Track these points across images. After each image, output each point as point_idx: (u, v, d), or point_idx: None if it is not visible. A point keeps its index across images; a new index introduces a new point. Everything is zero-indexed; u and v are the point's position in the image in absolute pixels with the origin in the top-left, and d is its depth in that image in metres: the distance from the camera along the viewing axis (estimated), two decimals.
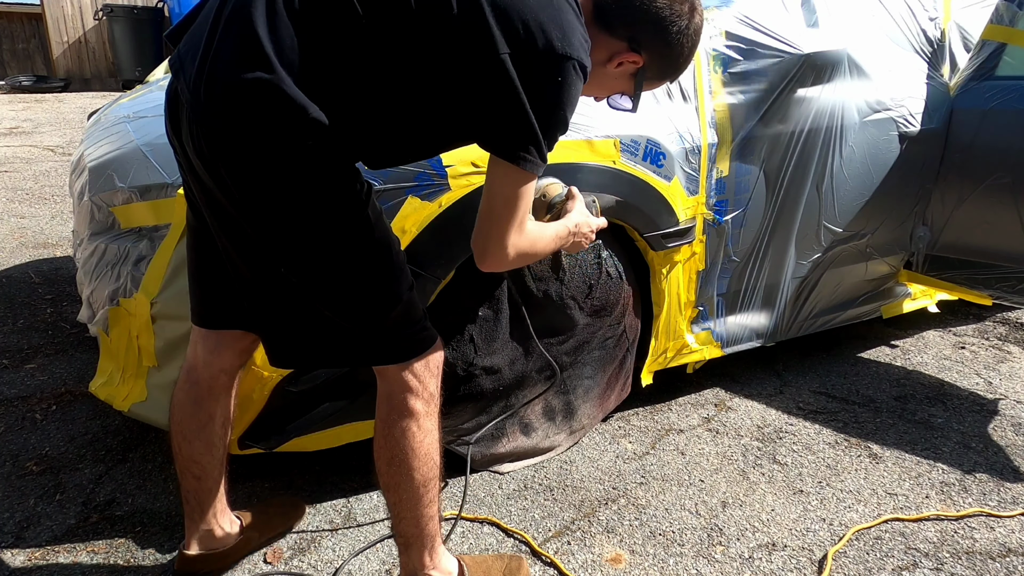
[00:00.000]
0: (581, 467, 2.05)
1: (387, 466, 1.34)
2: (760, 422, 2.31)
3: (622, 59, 1.25)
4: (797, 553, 1.74)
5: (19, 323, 2.83)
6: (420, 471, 1.33)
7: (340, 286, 1.21)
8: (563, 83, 1.10)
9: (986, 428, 2.31)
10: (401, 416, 1.31)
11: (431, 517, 1.39)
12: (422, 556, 1.41)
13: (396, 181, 1.64)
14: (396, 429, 1.32)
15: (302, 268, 1.19)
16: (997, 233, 2.41)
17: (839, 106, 2.26)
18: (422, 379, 1.32)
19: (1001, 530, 1.84)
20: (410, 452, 1.32)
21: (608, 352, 2.09)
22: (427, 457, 1.34)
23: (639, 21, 1.21)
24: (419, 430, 1.32)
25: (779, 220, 2.29)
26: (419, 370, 1.31)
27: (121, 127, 2.03)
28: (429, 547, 1.41)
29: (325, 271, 1.20)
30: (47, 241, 3.77)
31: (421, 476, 1.34)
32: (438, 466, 1.37)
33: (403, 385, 1.31)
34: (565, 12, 1.12)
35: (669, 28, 1.22)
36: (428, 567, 1.42)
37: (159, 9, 8.69)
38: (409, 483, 1.34)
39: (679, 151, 2.01)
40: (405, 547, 1.41)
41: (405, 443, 1.32)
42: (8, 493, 1.86)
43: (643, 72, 1.27)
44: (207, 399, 1.46)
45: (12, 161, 5.32)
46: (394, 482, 1.34)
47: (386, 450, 1.33)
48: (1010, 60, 2.38)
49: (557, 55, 1.09)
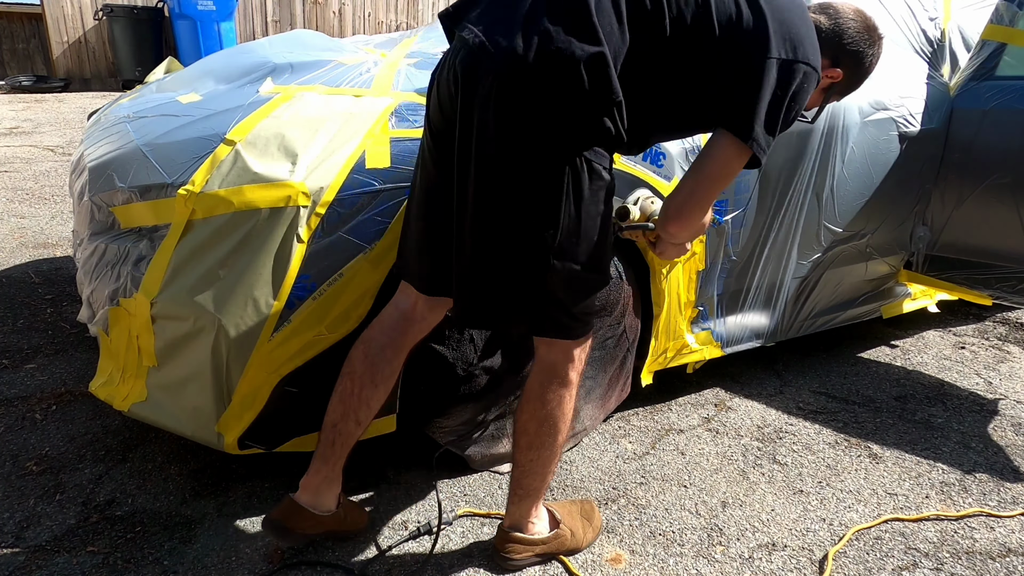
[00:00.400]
0: (581, 467, 2.05)
1: (539, 426, 1.51)
2: (760, 422, 2.31)
3: (829, 73, 1.51)
4: (797, 553, 1.74)
5: (19, 323, 2.83)
6: (563, 434, 1.54)
7: (559, 252, 1.34)
8: (805, 88, 1.34)
9: (986, 428, 2.31)
10: (562, 384, 1.49)
11: (552, 472, 1.58)
12: (532, 507, 1.60)
13: (396, 181, 1.64)
14: (555, 395, 1.50)
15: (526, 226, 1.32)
16: (997, 233, 2.41)
17: (839, 106, 2.26)
18: (581, 356, 1.50)
19: (1001, 530, 1.84)
20: (561, 417, 1.51)
21: (608, 352, 2.09)
22: (568, 422, 1.54)
23: (845, 43, 1.50)
24: (570, 399, 1.52)
25: (779, 220, 2.29)
26: (580, 346, 1.49)
27: (121, 127, 2.03)
28: (539, 500, 1.61)
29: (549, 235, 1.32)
30: (47, 241, 3.77)
31: (562, 436, 1.54)
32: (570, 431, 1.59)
33: (569, 357, 1.48)
34: (811, 28, 1.38)
35: (864, 54, 1.52)
36: (533, 516, 1.61)
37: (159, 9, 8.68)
38: (553, 443, 1.53)
39: (679, 151, 2.01)
40: (521, 498, 1.58)
41: (559, 408, 1.50)
42: (8, 493, 1.86)
43: (835, 87, 1.55)
44: (402, 352, 1.58)
45: (12, 161, 5.32)
46: (539, 441, 1.52)
47: (540, 411, 1.51)
48: (1010, 60, 2.38)
49: (806, 65, 1.33)
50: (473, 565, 1.66)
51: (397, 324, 1.57)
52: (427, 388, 1.84)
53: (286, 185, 1.57)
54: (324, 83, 1.92)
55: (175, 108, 1.99)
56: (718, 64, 1.32)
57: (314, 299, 1.61)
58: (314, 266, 1.60)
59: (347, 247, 1.61)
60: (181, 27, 8.28)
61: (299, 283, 1.60)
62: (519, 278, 1.37)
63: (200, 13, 8.14)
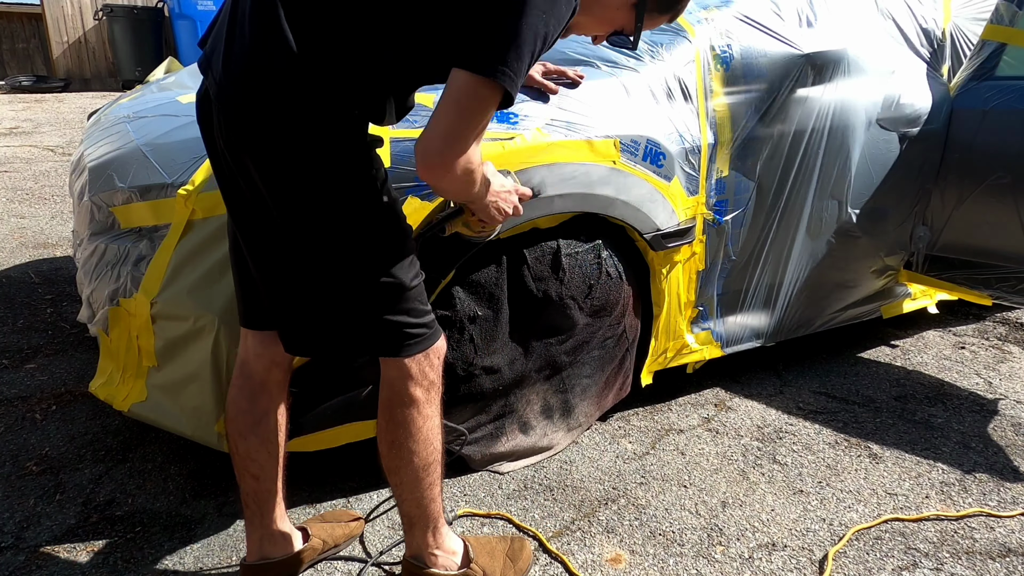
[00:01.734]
0: (581, 467, 2.05)
1: (389, 449, 1.39)
2: (760, 422, 2.31)
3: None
4: (797, 553, 1.74)
5: (19, 323, 2.83)
6: (420, 455, 1.39)
7: (350, 265, 1.24)
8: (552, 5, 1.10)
9: (986, 428, 2.31)
10: (403, 403, 1.36)
11: (432, 499, 1.44)
12: (425, 536, 1.47)
13: (396, 181, 1.64)
14: (399, 416, 1.37)
15: (314, 246, 1.23)
16: (997, 233, 2.41)
17: (840, 106, 2.26)
18: (423, 369, 1.36)
19: (1001, 530, 1.84)
20: (410, 437, 1.37)
21: (608, 352, 2.09)
22: (427, 442, 1.39)
23: None
24: (419, 415, 1.37)
25: (779, 220, 2.29)
26: (421, 360, 1.35)
27: (121, 127, 2.03)
28: (432, 527, 1.47)
29: (336, 249, 1.23)
30: (47, 241, 3.77)
31: (421, 460, 1.39)
32: (439, 450, 1.42)
33: (405, 373, 1.34)
34: None
35: None
36: (431, 546, 1.48)
37: (159, 9, 8.69)
38: (409, 466, 1.39)
39: (679, 151, 2.01)
40: (409, 527, 1.47)
41: (407, 429, 1.37)
42: (8, 493, 1.86)
43: (644, 2, 1.28)
44: (261, 394, 1.46)
45: (12, 161, 5.32)
46: (395, 465, 1.40)
47: (388, 434, 1.38)
48: (1010, 60, 2.38)
49: None
50: None
51: (241, 369, 1.47)
52: None
53: None
54: None
55: (175, 108, 1.99)
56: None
57: None
58: None
59: None
60: (181, 27, 8.29)
61: None
62: (319, 299, 1.28)
63: (200, 13, 8.15)
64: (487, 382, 1.88)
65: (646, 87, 2.02)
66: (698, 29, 2.12)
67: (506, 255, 1.84)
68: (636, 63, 2.07)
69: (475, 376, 1.86)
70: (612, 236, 1.99)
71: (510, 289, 1.86)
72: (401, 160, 1.66)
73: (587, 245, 1.94)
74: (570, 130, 1.83)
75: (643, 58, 2.08)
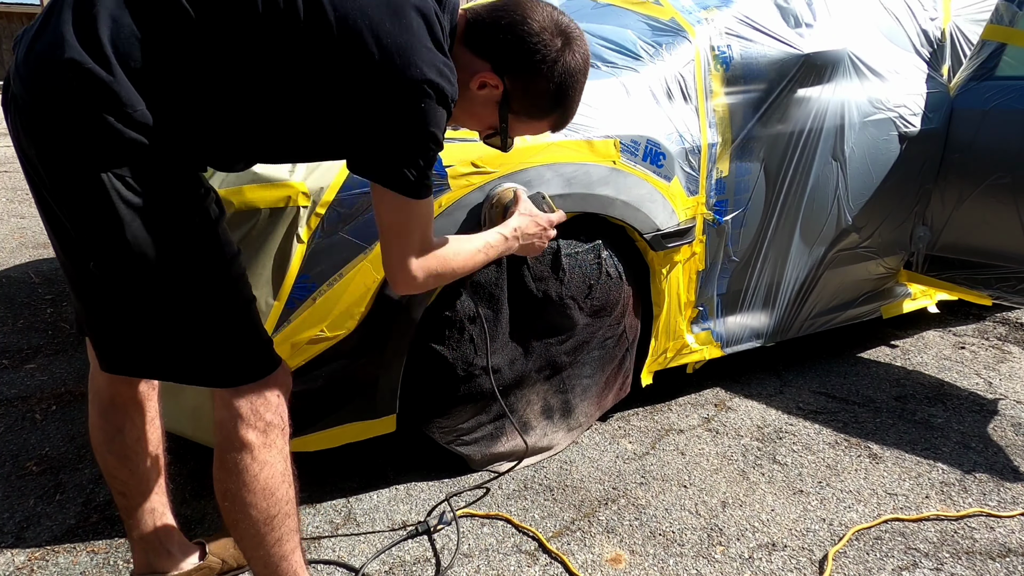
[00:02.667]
0: (581, 467, 2.05)
1: (222, 500, 1.22)
2: (760, 422, 2.31)
3: (483, 79, 1.19)
4: (797, 553, 1.74)
5: (19, 323, 2.83)
6: (258, 507, 1.21)
7: (155, 289, 1.09)
8: (424, 108, 1.06)
9: (986, 428, 2.31)
10: (232, 447, 1.18)
11: (283, 557, 1.26)
12: None
13: None
14: (228, 461, 1.19)
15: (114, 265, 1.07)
16: (997, 233, 2.41)
17: (839, 106, 2.26)
18: (256, 408, 1.19)
19: (1001, 530, 1.84)
20: (244, 487, 1.19)
21: (608, 352, 2.09)
22: (266, 492, 1.21)
23: (503, 42, 1.17)
24: (254, 462, 1.19)
25: (779, 220, 2.29)
26: (252, 397, 1.18)
27: None
28: None
29: (136, 272, 1.07)
30: (47, 241, 3.77)
31: (260, 513, 1.21)
32: (286, 500, 1.24)
33: (233, 412, 1.18)
34: (422, 38, 1.07)
35: (533, 55, 1.17)
36: None
37: None
38: (246, 520, 1.21)
39: (679, 151, 2.01)
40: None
41: (238, 477, 1.19)
42: (8, 493, 1.86)
43: (507, 103, 1.22)
44: (111, 411, 1.36)
45: (12, 161, 5.32)
46: (232, 519, 1.23)
47: (220, 483, 1.21)
48: (1010, 60, 2.38)
49: (413, 80, 1.05)
50: (473, 565, 1.66)
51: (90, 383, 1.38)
52: (427, 388, 1.84)
53: (286, 185, 1.57)
54: None
55: None
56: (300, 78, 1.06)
57: (314, 299, 1.61)
58: (314, 266, 1.60)
59: (347, 247, 1.61)
60: None
61: (299, 283, 1.60)
62: (123, 315, 1.11)
63: None
64: (487, 382, 1.88)
65: (646, 87, 2.02)
66: (698, 29, 2.12)
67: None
68: (636, 63, 2.07)
69: (475, 376, 1.86)
70: (612, 236, 1.99)
71: (510, 289, 1.86)
72: None
73: (587, 245, 1.94)
74: (570, 130, 1.83)
75: (643, 58, 2.08)
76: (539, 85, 1.20)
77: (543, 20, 1.17)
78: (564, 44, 1.19)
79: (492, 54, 1.18)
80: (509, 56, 1.18)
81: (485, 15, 1.19)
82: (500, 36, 1.17)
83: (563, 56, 1.19)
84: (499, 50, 1.18)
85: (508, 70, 1.19)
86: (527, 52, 1.17)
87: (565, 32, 1.19)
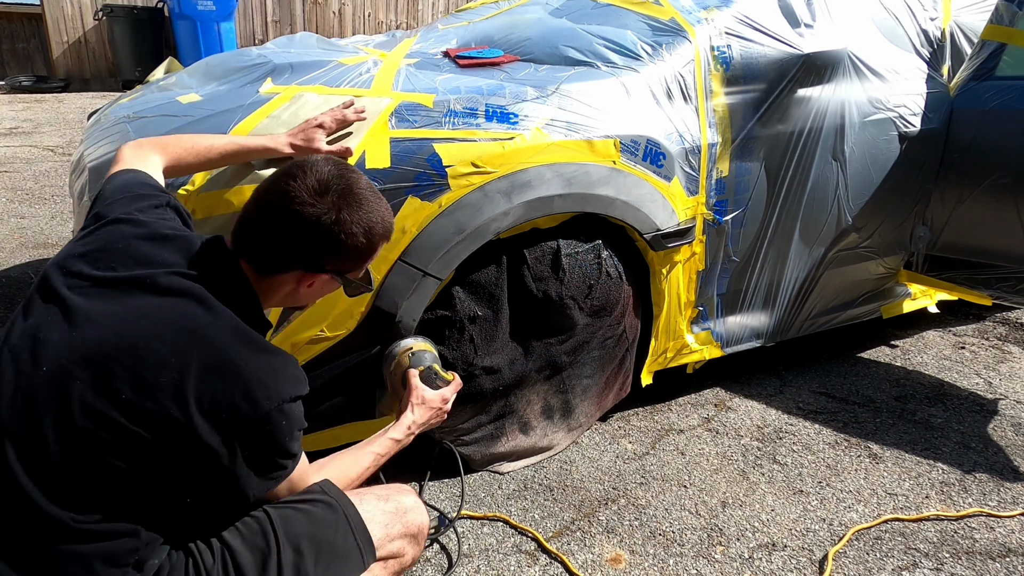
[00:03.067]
0: (581, 467, 2.05)
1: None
2: (760, 422, 2.31)
3: (310, 280, 1.20)
4: (797, 553, 1.74)
5: None
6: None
7: None
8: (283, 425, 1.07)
9: (986, 428, 2.31)
10: None
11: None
12: None
13: (396, 181, 1.64)
14: None
15: None
16: (997, 233, 2.41)
17: (839, 106, 2.26)
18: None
19: (1001, 530, 1.84)
20: None
21: (608, 352, 2.09)
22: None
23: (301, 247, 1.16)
24: None
25: (779, 220, 2.29)
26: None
27: (121, 127, 2.03)
28: None
29: None
30: (47, 241, 3.77)
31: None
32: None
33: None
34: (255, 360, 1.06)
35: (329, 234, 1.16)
36: None
37: (159, 9, 8.68)
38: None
39: (679, 151, 2.01)
40: None
41: None
42: None
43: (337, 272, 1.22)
44: None
45: (12, 161, 5.32)
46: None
47: None
48: (1010, 60, 2.38)
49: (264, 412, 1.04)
50: (473, 565, 1.66)
51: None
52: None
53: None
54: (324, 83, 1.92)
55: (175, 108, 1.99)
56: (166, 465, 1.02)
57: None
58: None
59: None
60: (181, 27, 8.28)
61: None
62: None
63: (200, 13, 8.14)
64: (487, 382, 1.88)
65: (646, 87, 2.02)
66: (698, 29, 2.12)
67: (506, 255, 1.84)
68: (636, 63, 2.07)
69: (475, 376, 1.86)
70: (612, 236, 1.99)
71: (510, 289, 1.86)
72: (401, 160, 1.66)
73: (587, 245, 1.94)
74: (570, 130, 1.83)
75: (643, 58, 2.09)
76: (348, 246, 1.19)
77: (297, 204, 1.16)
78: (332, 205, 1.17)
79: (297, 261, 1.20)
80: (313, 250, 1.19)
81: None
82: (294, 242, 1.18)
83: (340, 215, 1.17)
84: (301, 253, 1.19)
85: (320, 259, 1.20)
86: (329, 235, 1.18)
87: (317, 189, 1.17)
